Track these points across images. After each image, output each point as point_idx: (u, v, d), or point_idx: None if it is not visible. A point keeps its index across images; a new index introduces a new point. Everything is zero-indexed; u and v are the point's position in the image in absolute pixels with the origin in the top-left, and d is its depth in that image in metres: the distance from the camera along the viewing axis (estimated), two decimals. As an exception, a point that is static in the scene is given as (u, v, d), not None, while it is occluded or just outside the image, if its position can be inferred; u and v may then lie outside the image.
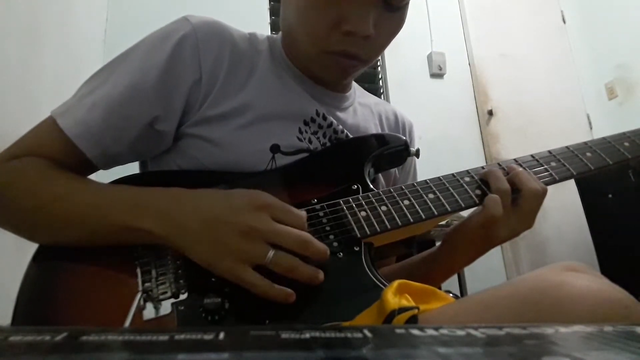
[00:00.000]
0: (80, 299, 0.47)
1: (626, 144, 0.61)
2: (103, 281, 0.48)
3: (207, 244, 0.44)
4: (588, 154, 0.60)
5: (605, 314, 0.35)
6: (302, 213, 0.48)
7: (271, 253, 0.43)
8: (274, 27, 2.42)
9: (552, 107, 2.88)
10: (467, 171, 0.59)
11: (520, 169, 0.57)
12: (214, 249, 0.44)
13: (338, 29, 0.54)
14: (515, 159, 0.60)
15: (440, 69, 2.74)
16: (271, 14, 2.45)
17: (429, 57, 2.75)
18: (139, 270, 0.48)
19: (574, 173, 0.58)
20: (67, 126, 0.52)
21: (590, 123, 2.98)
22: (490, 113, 2.75)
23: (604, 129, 2.90)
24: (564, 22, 3.18)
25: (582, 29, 3.14)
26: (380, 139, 0.65)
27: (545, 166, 0.58)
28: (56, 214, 0.49)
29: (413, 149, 0.66)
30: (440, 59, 2.75)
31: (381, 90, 2.64)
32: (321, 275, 0.45)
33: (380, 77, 2.65)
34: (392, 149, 0.64)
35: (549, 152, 0.61)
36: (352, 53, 0.57)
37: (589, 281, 0.39)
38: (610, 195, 2.09)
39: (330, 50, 0.57)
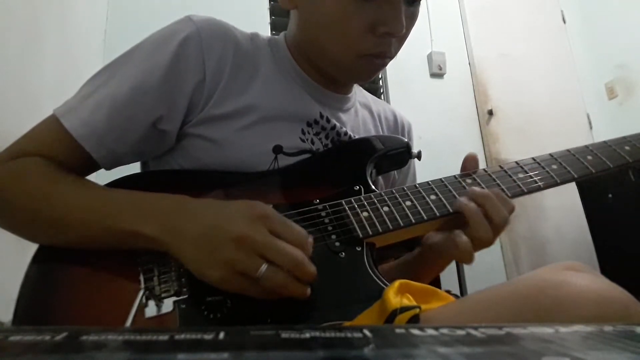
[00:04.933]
0: (81, 298, 0.47)
1: (627, 147, 0.61)
2: (105, 279, 0.48)
3: (200, 252, 0.44)
4: (589, 157, 0.60)
5: (605, 313, 0.35)
6: (306, 233, 0.45)
7: (264, 267, 0.41)
8: (274, 27, 2.41)
9: (552, 107, 2.87)
10: (469, 173, 0.59)
11: (488, 196, 0.53)
12: (206, 256, 0.43)
13: (373, 31, 0.56)
14: (516, 162, 0.60)
15: (440, 69, 2.74)
16: (271, 14, 2.45)
17: (429, 57, 2.74)
18: (141, 268, 0.48)
19: (575, 176, 0.58)
20: (73, 127, 0.52)
21: (590, 123, 2.98)
22: (490, 113, 2.75)
23: (604, 128, 2.90)
24: (564, 22, 3.18)
25: (582, 29, 3.14)
26: (382, 141, 0.65)
27: (547, 169, 0.59)
28: (56, 216, 0.49)
29: (415, 152, 0.66)
30: (440, 59, 2.75)
31: (381, 90, 2.64)
32: (309, 291, 0.44)
33: (380, 77, 2.65)
34: (394, 151, 0.64)
35: (550, 155, 0.61)
36: (386, 53, 0.58)
37: (589, 281, 0.39)
38: (610, 195, 2.09)
39: (367, 54, 0.58)
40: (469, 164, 0.60)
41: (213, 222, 0.44)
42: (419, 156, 0.67)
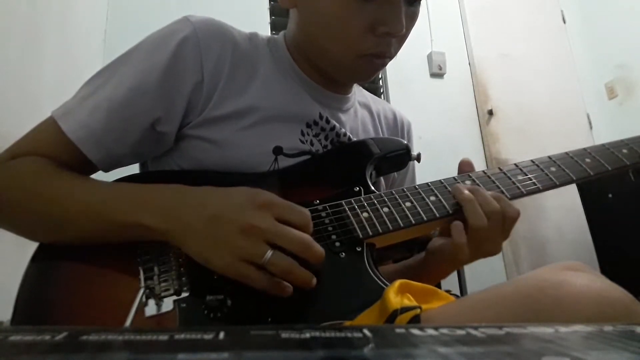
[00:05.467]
0: (81, 297, 0.47)
1: (624, 150, 0.62)
2: (105, 278, 0.48)
3: (205, 240, 0.44)
4: (587, 160, 0.60)
5: (604, 313, 0.35)
6: (307, 211, 0.47)
7: (269, 253, 0.42)
8: (274, 27, 2.41)
9: (552, 107, 2.87)
10: (469, 174, 0.59)
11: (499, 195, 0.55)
12: (212, 245, 0.44)
13: (373, 31, 0.56)
14: (515, 164, 0.60)
15: (440, 69, 2.74)
16: (271, 14, 2.45)
17: (429, 57, 2.74)
18: (141, 268, 0.48)
19: (574, 178, 0.59)
20: (70, 129, 0.52)
21: (590, 123, 2.98)
22: (490, 113, 2.75)
23: (604, 128, 2.90)
24: (564, 22, 3.18)
25: (582, 29, 3.14)
26: (382, 143, 0.65)
27: (545, 171, 0.59)
28: (56, 211, 0.49)
29: (414, 154, 0.66)
30: (440, 59, 2.75)
31: (381, 90, 2.64)
32: (314, 280, 0.45)
33: (380, 77, 2.65)
34: (393, 153, 0.64)
35: (549, 157, 0.61)
36: (386, 53, 0.58)
37: (589, 280, 0.39)
38: (610, 195, 2.09)
39: (366, 53, 0.58)
40: (465, 168, 0.61)
41: (217, 211, 0.45)
42: (418, 158, 0.67)
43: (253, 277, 0.43)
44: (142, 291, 0.46)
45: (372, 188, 0.58)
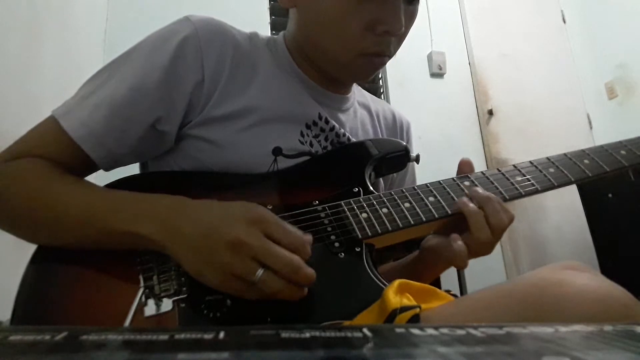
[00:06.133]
0: (80, 297, 0.47)
1: (623, 152, 0.62)
2: (104, 278, 0.48)
3: (197, 254, 0.43)
4: (586, 161, 0.61)
5: (604, 312, 0.35)
6: (306, 237, 0.45)
7: (260, 272, 0.41)
8: (274, 27, 2.41)
9: (552, 107, 2.87)
10: (467, 175, 0.59)
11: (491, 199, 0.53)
12: (202, 259, 0.43)
13: (372, 30, 0.56)
14: (514, 165, 0.60)
15: (440, 69, 2.74)
16: (271, 14, 2.44)
17: (429, 57, 2.74)
18: (140, 268, 0.48)
19: (572, 179, 0.59)
20: (71, 128, 0.52)
21: (590, 123, 2.97)
22: (490, 113, 2.75)
23: (604, 128, 2.90)
24: (564, 22, 3.18)
25: (582, 29, 3.14)
26: (381, 144, 0.65)
27: (544, 172, 0.59)
28: (55, 216, 0.49)
29: (413, 155, 0.66)
30: (440, 59, 2.74)
31: (381, 90, 2.64)
32: (305, 292, 0.44)
33: (380, 76, 2.65)
34: (392, 155, 0.64)
35: (547, 158, 0.61)
36: (385, 52, 0.59)
37: (588, 280, 0.39)
38: (610, 195, 2.08)
39: (366, 52, 0.58)
40: (464, 168, 0.60)
41: (210, 224, 0.44)
42: (417, 160, 0.66)
43: (245, 292, 0.43)
44: (141, 291, 0.46)
45: (371, 189, 0.58)
